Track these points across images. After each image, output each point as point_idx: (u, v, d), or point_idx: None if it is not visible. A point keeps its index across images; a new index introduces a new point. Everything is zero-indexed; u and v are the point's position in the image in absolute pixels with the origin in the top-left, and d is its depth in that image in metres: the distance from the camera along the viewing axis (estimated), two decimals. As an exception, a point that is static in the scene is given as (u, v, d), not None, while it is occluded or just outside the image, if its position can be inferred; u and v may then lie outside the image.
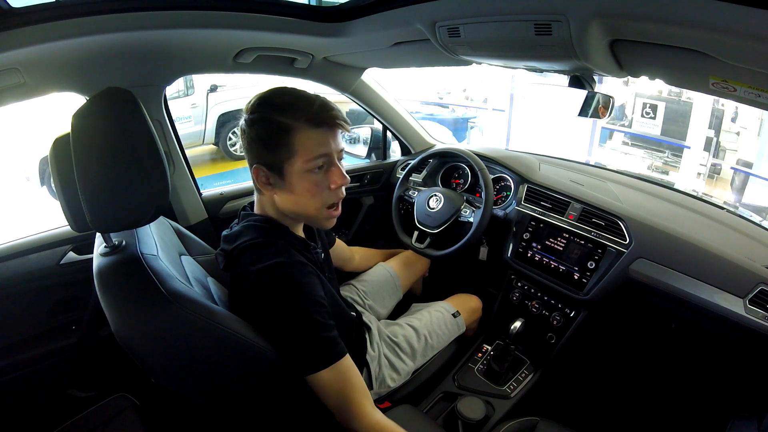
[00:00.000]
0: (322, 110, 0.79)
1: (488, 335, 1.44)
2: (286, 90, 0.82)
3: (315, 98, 0.80)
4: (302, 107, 0.78)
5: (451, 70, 6.57)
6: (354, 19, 1.04)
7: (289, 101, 0.80)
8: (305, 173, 0.81)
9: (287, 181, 0.81)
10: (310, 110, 0.78)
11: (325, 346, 0.77)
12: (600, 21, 0.68)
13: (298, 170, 0.80)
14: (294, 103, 0.79)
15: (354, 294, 1.33)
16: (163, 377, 0.72)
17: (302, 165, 0.80)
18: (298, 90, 0.82)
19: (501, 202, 1.45)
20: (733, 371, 1.13)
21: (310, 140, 0.79)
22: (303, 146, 0.79)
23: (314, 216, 0.87)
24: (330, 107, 0.80)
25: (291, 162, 0.80)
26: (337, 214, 0.89)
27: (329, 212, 0.87)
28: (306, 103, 0.79)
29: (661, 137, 5.37)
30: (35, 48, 0.85)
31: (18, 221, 3.47)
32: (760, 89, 0.68)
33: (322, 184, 0.83)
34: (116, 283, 0.70)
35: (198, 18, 0.96)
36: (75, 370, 1.25)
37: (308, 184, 0.82)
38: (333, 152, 0.82)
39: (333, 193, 0.85)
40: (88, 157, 0.67)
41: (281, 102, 0.80)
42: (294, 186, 0.82)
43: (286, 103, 0.79)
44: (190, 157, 1.39)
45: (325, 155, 0.81)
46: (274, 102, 0.80)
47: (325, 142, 0.80)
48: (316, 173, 0.81)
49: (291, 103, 0.79)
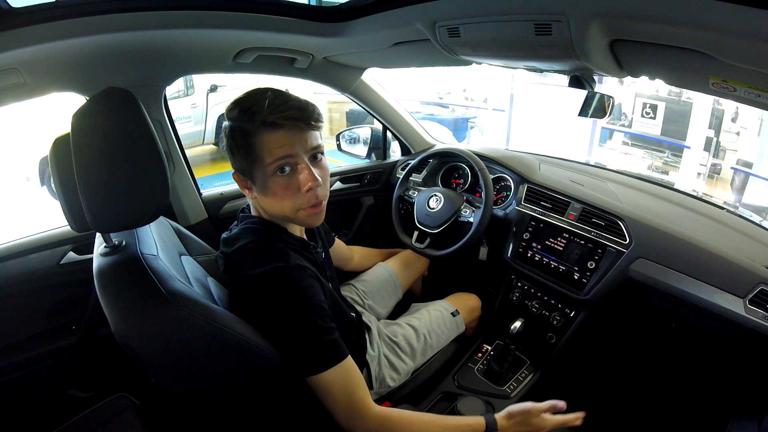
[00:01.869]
0: (276, 110, 0.74)
1: (488, 335, 1.44)
2: (252, 92, 0.79)
3: (267, 98, 0.75)
4: (256, 110, 0.75)
5: (451, 70, 6.57)
6: (354, 19, 1.04)
7: (248, 104, 0.76)
8: (271, 177, 0.78)
9: (259, 185, 0.80)
10: (261, 112, 0.74)
11: (326, 349, 0.77)
12: (600, 21, 0.68)
13: (264, 175, 0.78)
14: (251, 106, 0.75)
15: (353, 294, 1.33)
16: (163, 377, 0.72)
17: (265, 169, 0.77)
18: (259, 90, 0.78)
19: (501, 202, 1.45)
20: (733, 371, 1.13)
21: (269, 143, 0.75)
22: (263, 150, 0.76)
23: (293, 218, 0.83)
24: (286, 107, 0.75)
25: (256, 166, 0.77)
26: (318, 212, 0.83)
27: (308, 211, 0.82)
28: (259, 105, 0.75)
29: (661, 137, 5.37)
30: (35, 48, 0.85)
31: (18, 221, 3.47)
32: (760, 89, 0.68)
33: (292, 186, 0.79)
34: (116, 283, 0.70)
35: (198, 18, 0.96)
36: (75, 370, 1.25)
37: (277, 187, 0.79)
38: (298, 153, 0.77)
39: (304, 196, 0.79)
40: (88, 157, 0.67)
41: (243, 106, 0.76)
42: (266, 189, 0.80)
43: (245, 107, 0.76)
44: (190, 157, 1.39)
45: (287, 156, 0.76)
46: (238, 107, 0.77)
47: (284, 143, 0.76)
48: (282, 176, 0.78)
49: (249, 106, 0.76)
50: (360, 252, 1.46)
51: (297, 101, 0.78)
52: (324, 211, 0.86)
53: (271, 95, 0.76)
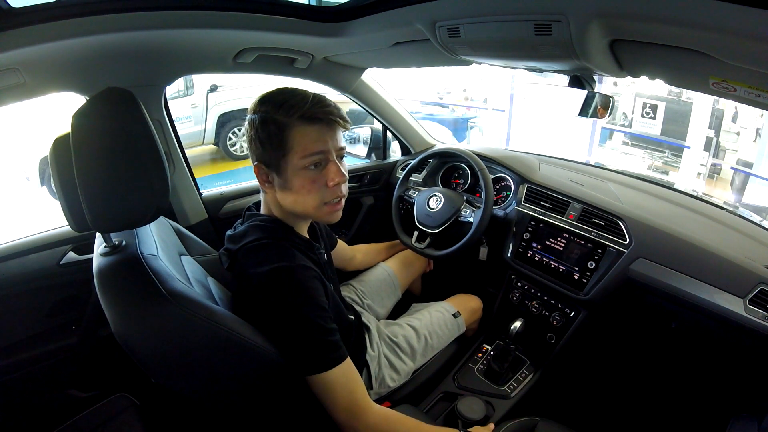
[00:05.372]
0: (316, 106, 0.79)
1: (488, 335, 1.44)
2: (285, 89, 0.82)
3: (310, 95, 0.80)
4: (296, 104, 0.78)
5: (451, 70, 6.57)
6: (354, 19, 1.04)
7: (285, 99, 0.79)
8: (301, 170, 0.80)
9: (284, 178, 0.82)
10: (303, 106, 0.78)
11: (328, 349, 0.77)
12: (600, 21, 0.68)
13: (293, 167, 0.80)
14: (288, 100, 0.79)
15: (352, 294, 1.33)
16: (163, 377, 0.72)
17: (297, 162, 0.79)
18: (297, 89, 0.82)
19: (501, 202, 1.45)
20: (733, 371, 1.13)
21: (305, 137, 0.79)
22: (297, 143, 0.79)
23: (314, 214, 0.86)
24: (325, 104, 0.80)
25: (287, 159, 0.80)
26: (339, 208, 0.88)
27: (329, 208, 0.86)
28: (300, 100, 0.79)
29: (661, 137, 5.37)
30: (35, 48, 0.85)
31: (18, 221, 3.47)
32: (760, 89, 0.68)
33: (319, 181, 0.82)
34: (116, 283, 0.70)
35: (198, 18, 0.96)
36: (75, 370, 1.25)
37: (304, 181, 0.81)
38: (330, 150, 0.82)
39: (331, 191, 0.84)
40: (88, 157, 0.67)
41: (278, 100, 0.80)
42: (292, 183, 0.82)
43: (281, 101, 0.79)
44: (190, 157, 1.39)
45: (321, 152, 0.81)
46: (271, 100, 0.80)
47: (320, 138, 0.80)
48: (312, 170, 0.81)
49: (286, 100, 0.79)
50: (363, 250, 1.46)
51: (331, 101, 0.82)
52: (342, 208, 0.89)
53: (310, 93, 0.81)
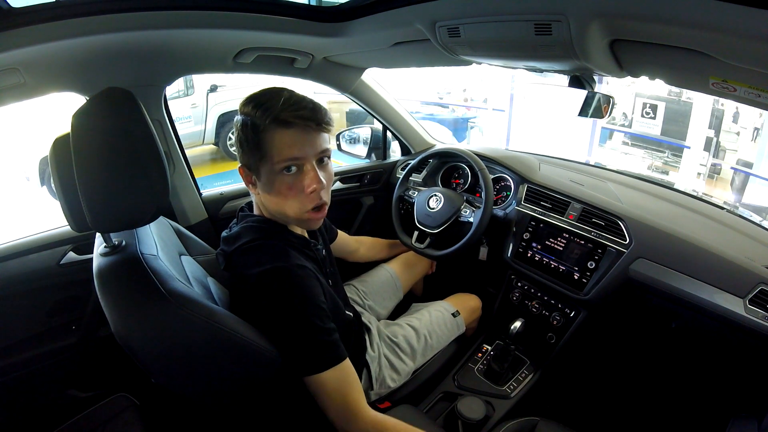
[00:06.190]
0: (289, 109, 0.74)
1: (488, 335, 1.44)
2: (268, 89, 0.79)
3: (284, 96, 0.76)
4: (271, 106, 0.74)
5: (451, 70, 6.57)
6: (354, 19, 1.04)
7: (262, 100, 0.76)
8: (277, 175, 0.78)
9: (263, 182, 0.80)
10: (274, 108, 0.74)
11: (325, 350, 0.77)
12: (600, 21, 0.68)
13: (270, 172, 0.78)
14: (265, 102, 0.76)
15: (354, 294, 1.33)
16: (163, 377, 0.72)
17: (272, 166, 0.77)
18: (278, 89, 0.79)
19: (501, 202, 1.45)
20: (733, 371, 1.13)
21: (279, 141, 0.76)
22: (271, 147, 0.76)
23: (295, 218, 0.84)
24: (300, 106, 0.75)
25: (263, 163, 0.78)
26: (320, 216, 0.85)
27: (310, 215, 0.83)
28: (275, 102, 0.75)
29: (661, 137, 5.37)
30: (35, 48, 0.85)
31: (18, 221, 3.47)
32: (760, 89, 0.68)
33: (296, 187, 0.79)
34: (116, 283, 0.70)
35: (198, 18, 0.96)
36: (75, 370, 1.25)
37: (281, 186, 0.79)
38: (306, 155, 0.78)
39: (309, 197, 0.80)
40: (88, 157, 0.67)
41: (257, 102, 0.77)
42: (270, 187, 0.80)
43: (259, 103, 0.76)
44: (190, 157, 1.39)
45: (295, 158, 0.77)
46: (252, 101, 0.78)
47: (294, 144, 0.76)
48: (289, 175, 0.78)
49: (263, 102, 0.76)
50: (367, 244, 1.46)
51: (311, 102, 0.78)
52: (324, 215, 0.87)
53: (287, 94, 0.77)
